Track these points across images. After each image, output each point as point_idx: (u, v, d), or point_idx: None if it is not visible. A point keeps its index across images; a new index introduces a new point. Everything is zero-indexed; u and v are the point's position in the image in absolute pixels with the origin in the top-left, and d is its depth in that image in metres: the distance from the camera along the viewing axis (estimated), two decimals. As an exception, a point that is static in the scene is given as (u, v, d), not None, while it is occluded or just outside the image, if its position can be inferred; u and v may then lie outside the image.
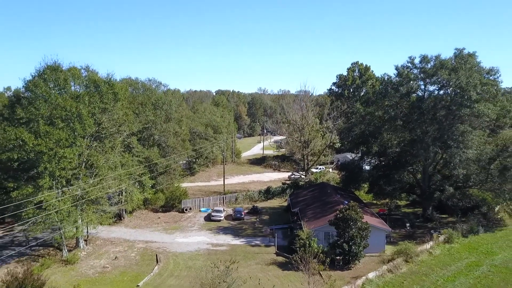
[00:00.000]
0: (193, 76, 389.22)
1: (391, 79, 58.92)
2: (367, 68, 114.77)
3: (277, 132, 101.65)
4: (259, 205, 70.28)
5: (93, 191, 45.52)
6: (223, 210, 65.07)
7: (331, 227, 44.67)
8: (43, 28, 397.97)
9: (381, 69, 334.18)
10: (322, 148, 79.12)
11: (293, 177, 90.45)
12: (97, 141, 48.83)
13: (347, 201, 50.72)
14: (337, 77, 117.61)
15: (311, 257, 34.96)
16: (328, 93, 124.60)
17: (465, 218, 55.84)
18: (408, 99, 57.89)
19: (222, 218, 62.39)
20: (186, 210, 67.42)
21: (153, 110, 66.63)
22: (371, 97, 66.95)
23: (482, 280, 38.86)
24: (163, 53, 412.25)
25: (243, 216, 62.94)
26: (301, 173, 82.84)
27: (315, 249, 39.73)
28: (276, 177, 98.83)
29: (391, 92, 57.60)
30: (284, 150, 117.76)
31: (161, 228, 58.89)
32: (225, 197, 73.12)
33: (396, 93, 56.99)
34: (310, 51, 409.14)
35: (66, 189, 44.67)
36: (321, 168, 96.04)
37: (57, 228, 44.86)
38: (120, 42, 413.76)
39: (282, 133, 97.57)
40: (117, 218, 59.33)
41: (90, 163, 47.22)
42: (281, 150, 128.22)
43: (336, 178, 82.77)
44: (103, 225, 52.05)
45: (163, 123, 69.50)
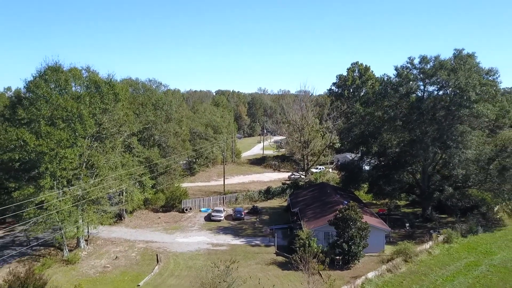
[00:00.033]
0: (193, 76, 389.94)
1: (391, 80, 59.08)
2: (367, 68, 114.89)
3: (277, 132, 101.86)
4: (259, 205, 70.43)
5: (94, 191, 45.69)
6: (223, 210, 65.22)
7: (330, 227, 44.86)
8: (43, 28, 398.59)
9: (381, 69, 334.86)
10: (322, 148, 79.30)
11: (293, 177, 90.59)
12: (97, 141, 49.03)
13: (346, 201, 50.91)
14: (337, 77, 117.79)
15: (310, 257, 35.02)
16: (328, 93, 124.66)
17: (464, 218, 55.97)
18: (407, 99, 58.00)
19: (222, 218, 62.56)
20: (186, 210, 67.58)
21: (154, 111, 66.82)
22: (370, 98, 67.08)
23: (481, 280, 39.03)
24: (163, 53, 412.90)
25: (243, 216, 63.10)
26: (301, 173, 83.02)
27: (315, 249, 39.86)
28: (276, 177, 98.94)
29: (391, 93, 57.76)
30: (284, 150, 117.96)
31: (161, 228, 59.08)
32: (225, 197, 73.28)
33: (396, 93, 57.17)
34: (310, 51, 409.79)
35: (67, 189, 44.89)
36: (321, 168, 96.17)
37: (58, 228, 45.03)
38: (120, 42, 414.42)
39: (282, 133, 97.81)
40: (117, 218, 59.51)
41: (91, 164, 47.42)
42: (281, 150, 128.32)
43: (336, 178, 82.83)
44: (103, 225, 52.22)
45: (163, 123, 69.69)
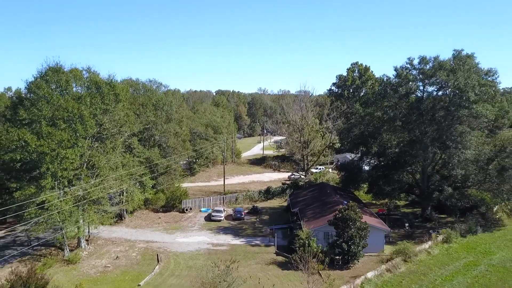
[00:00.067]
0: (193, 76, 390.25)
1: (390, 80, 59.25)
2: (366, 68, 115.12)
3: (277, 132, 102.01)
4: (259, 205, 70.59)
5: (94, 191, 45.87)
6: (223, 210, 65.38)
7: (330, 227, 45.02)
8: (43, 28, 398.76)
9: (381, 69, 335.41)
10: (321, 148, 79.49)
11: (293, 177, 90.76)
12: (98, 141, 49.25)
13: (346, 201, 51.07)
14: (336, 77, 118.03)
15: (310, 257, 35.05)
16: (328, 94, 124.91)
17: (463, 218, 56.09)
18: (407, 100, 58.17)
19: (222, 218, 62.73)
20: (186, 210, 67.76)
21: (154, 111, 67.06)
22: (370, 98, 67.26)
23: (480, 280, 39.20)
24: (163, 53, 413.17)
25: (243, 216, 63.27)
26: (300, 173, 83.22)
27: (315, 248, 39.93)
28: (276, 177, 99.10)
29: (390, 93, 57.90)
30: (284, 150, 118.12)
31: (161, 228, 59.28)
32: (225, 197, 73.46)
33: (395, 94, 57.34)
34: (310, 51, 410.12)
35: (68, 189, 45.10)
36: (320, 168, 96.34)
37: (59, 228, 45.19)
38: (120, 42, 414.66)
39: (282, 133, 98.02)
40: (118, 218, 59.67)
41: (92, 164, 47.64)
42: (281, 150, 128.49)
43: (336, 178, 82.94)
44: (104, 225, 52.42)
45: (163, 123, 69.92)
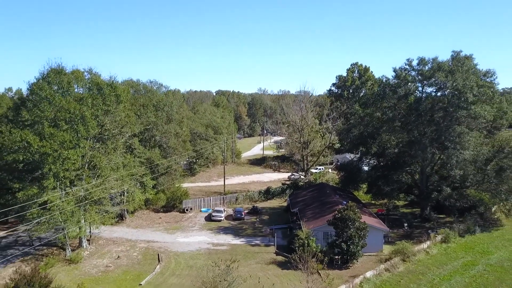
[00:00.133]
0: (193, 76, 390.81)
1: (389, 81, 59.62)
2: (366, 69, 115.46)
3: (277, 132, 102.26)
4: (259, 205, 70.92)
5: (96, 191, 46.27)
6: (224, 210, 65.68)
7: (330, 227, 45.34)
8: (43, 28, 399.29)
9: (381, 69, 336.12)
10: (321, 148, 79.80)
11: (292, 177, 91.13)
12: (100, 142, 49.67)
13: (345, 202, 51.38)
14: (336, 78, 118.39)
15: (310, 257, 35.37)
16: (328, 94, 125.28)
17: (462, 218, 56.32)
18: (406, 100, 58.47)
19: (222, 218, 63.07)
20: (187, 210, 68.09)
21: (155, 112, 67.52)
22: (369, 99, 67.63)
23: (478, 279, 39.56)
24: (163, 53, 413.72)
25: (243, 216, 63.60)
26: (300, 173, 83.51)
27: (314, 248, 40.39)
28: (276, 177, 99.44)
29: (389, 94, 58.22)
30: (284, 150, 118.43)
31: (162, 228, 59.65)
32: (226, 197, 73.78)
33: (394, 94, 57.70)
34: (310, 51, 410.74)
35: (70, 189, 45.51)
36: (320, 169, 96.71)
37: (61, 228, 45.59)
38: (120, 42, 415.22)
39: (282, 133, 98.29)
40: (119, 218, 60.03)
41: (93, 164, 48.05)
42: (281, 151, 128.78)
43: (335, 178, 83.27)
44: (105, 225, 52.84)
45: (164, 124, 70.37)
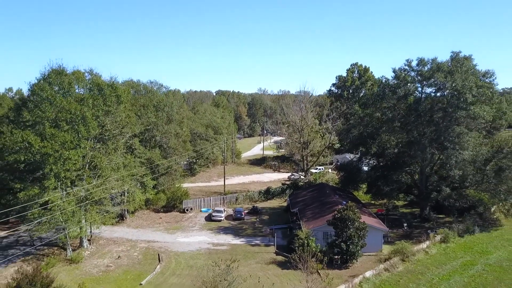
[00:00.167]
0: (193, 76, 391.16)
1: (389, 82, 59.82)
2: (366, 69, 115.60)
3: (277, 132, 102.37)
4: (259, 205, 71.11)
5: (96, 192, 46.48)
6: (224, 210, 65.86)
7: (329, 227, 45.53)
8: (43, 28, 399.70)
9: (381, 70, 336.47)
10: (321, 149, 79.95)
11: (292, 177, 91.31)
12: (100, 143, 49.86)
13: (345, 202, 51.57)
14: (336, 78, 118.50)
15: (309, 256, 35.47)
16: (328, 94, 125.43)
17: (461, 218, 56.51)
18: (405, 101, 58.69)
19: (222, 218, 63.26)
20: (187, 210, 68.28)
21: (155, 112, 67.72)
22: (369, 99, 67.83)
23: (477, 279, 39.73)
24: (163, 53, 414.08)
25: (243, 216, 63.79)
26: (300, 173, 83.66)
27: (314, 248, 40.55)
28: (276, 177, 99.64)
29: (389, 94, 58.40)
30: (283, 150, 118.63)
31: (162, 228, 59.85)
32: (226, 197, 73.97)
33: (394, 95, 57.90)
34: (310, 51, 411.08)
35: (71, 190, 45.70)
36: (320, 169, 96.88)
37: (62, 228, 45.76)
38: (120, 42, 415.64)
39: (282, 134, 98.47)
40: (119, 218, 60.25)
41: (94, 165, 48.25)
42: (280, 151, 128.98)
43: (335, 178, 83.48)
44: (106, 225, 53.07)
45: (164, 124, 70.59)
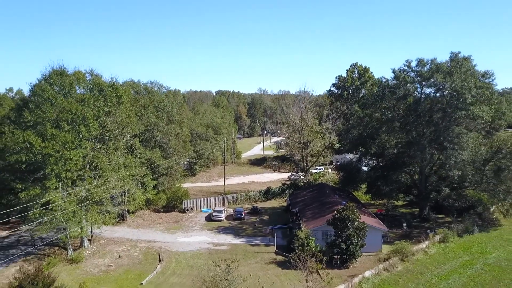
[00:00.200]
0: (193, 76, 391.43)
1: (388, 82, 60.03)
2: (366, 69, 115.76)
3: (277, 133, 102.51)
4: (259, 205, 71.30)
5: (97, 192, 46.70)
6: (224, 210, 66.04)
7: (329, 227, 45.71)
8: (43, 28, 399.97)
9: (381, 70, 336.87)
10: (321, 149, 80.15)
11: (292, 177, 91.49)
12: (101, 143, 50.07)
13: (345, 202, 51.75)
14: (336, 78, 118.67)
15: (309, 256, 35.59)
16: (328, 94, 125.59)
17: (461, 218, 56.64)
18: (405, 101, 58.93)
19: (222, 218, 63.44)
20: (187, 210, 68.47)
21: (155, 112, 67.94)
22: (369, 99, 67.99)
23: (475, 279, 39.93)
24: (163, 53, 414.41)
25: (243, 216, 63.97)
26: (300, 173, 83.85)
27: (313, 248, 40.71)
28: (276, 177, 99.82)
29: (388, 95, 58.57)
30: (283, 151, 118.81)
31: (163, 228, 60.04)
32: (226, 197, 74.15)
33: (393, 95, 58.10)
34: (310, 51, 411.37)
35: (72, 190, 45.91)
36: (320, 169, 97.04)
37: (62, 228, 45.95)
38: (120, 42, 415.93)
39: (282, 134, 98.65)
40: (120, 218, 60.45)
41: (95, 165, 48.45)
42: (280, 151, 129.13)
43: (335, 178, 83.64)
44: (106, 225, 53.17)
45: (164, 125, 70.79)
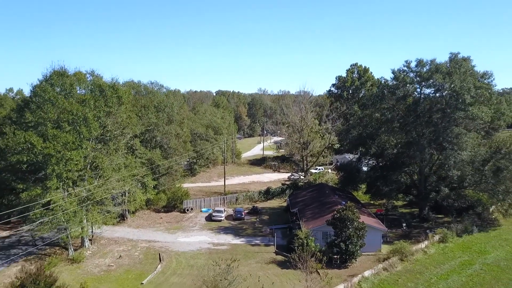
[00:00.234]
0: (193, 76, 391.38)
1: (388, 83, 60.21)
2: (366, 69, 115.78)
3: (277, 133, 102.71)
4: (259, 205, 71.46)
5: (98, 192, 46.89)
6: (224, 210, 66.18)
7: (328, 227, 45.87)
8: (43, 28, 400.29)
9: (381, 70, 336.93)
10: (321, 149, 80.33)
11: (292, 177, 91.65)
12: (102, 143, 50.28)
13: (344, 202, 51.89)
14: (336, 78, 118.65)
15: (309, 256, 35.71)
16: (328, 95, 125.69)
17: (460, 218, 56.81)
18: (404, 102, 59.03)
19: (222, 218, 63.60)
20: (187, 210, 68.63)
21: (156, 113, 68.13)
22: (368, 100, 68.19)
23: (474, 278, 40.12)
24: (163, 53, 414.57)
25: (243, 216, 64.13)
26: (300, 173, 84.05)
27: (313, 248, 40.85)
28: (276, 177, 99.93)
29: (388, 95, 58.76)
30: (283, 151, 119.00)
31: (163, 228, 60.22)
32: (226, 197, 74.31)
33: (393, 96, 58.27)
34: (310, 51, 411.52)
35: (73, 190, 46.11)
36: (320, 169, 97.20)
37: (63, 228, 46.13)
38: (120, 42, 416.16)
39: (282, 134, 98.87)
40: (120, 218, 60.64)
41: (95, 165, 48.65)
42: (280, 151, 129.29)
43: (335, 178, 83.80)
44: (107, 225, 53.43)
45: (165, 125, 70.98)
